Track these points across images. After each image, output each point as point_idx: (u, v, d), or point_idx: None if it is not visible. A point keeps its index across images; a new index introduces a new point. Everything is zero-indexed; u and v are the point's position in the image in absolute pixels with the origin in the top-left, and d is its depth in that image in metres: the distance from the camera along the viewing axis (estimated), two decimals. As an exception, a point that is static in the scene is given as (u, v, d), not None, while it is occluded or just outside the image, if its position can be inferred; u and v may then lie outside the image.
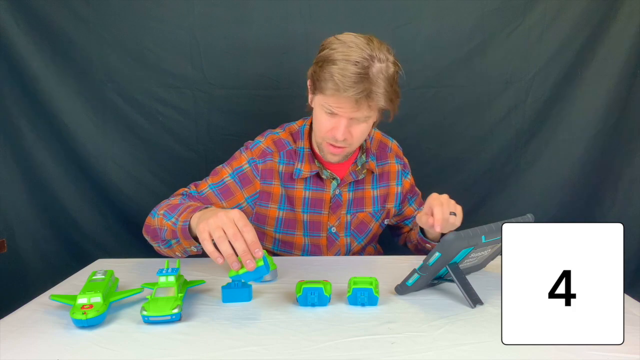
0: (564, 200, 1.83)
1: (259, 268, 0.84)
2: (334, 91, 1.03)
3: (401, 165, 1.33)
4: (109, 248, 1.79)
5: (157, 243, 1.12)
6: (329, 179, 1.23)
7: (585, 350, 0.72)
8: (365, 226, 1.28)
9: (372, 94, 1.02)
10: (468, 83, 1.76)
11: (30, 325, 0.83)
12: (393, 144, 1.35)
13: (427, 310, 0.87)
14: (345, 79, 1.01)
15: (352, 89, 1.01)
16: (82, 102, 1.72)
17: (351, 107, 1.05)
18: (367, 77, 1.01)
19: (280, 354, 0.72)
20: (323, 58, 1.06)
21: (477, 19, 1.72)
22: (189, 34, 1.70)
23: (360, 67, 1.01)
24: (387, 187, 1.30)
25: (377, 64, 1.03)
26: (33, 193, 1.76)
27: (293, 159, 1.22)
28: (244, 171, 1.20)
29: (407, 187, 1.33)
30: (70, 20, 1.67)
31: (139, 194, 1.78)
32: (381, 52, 1.04)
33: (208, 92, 1.74)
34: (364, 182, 1.27)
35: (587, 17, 1.72)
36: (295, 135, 1.25)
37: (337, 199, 1.24)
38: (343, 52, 1.02)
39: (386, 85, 1.04)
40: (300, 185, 1.22)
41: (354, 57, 1.01)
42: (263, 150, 1.21)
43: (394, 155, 1.32)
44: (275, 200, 1.22)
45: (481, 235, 0.88)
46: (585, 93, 1.77)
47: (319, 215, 1.24)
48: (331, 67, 1.02)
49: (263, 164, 1.20)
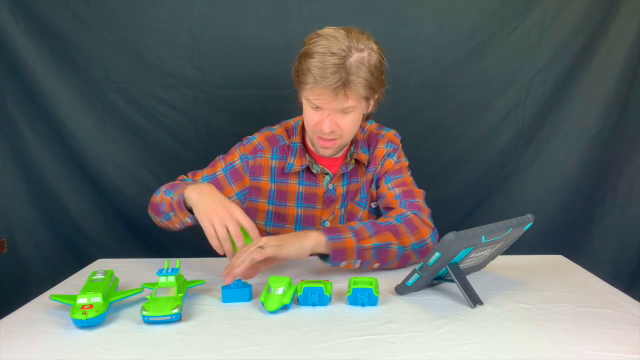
0: (564, 200, 1.83)
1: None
2: (312, 84, 1.05)
3: (391, 149, 1.28)
4: (109, 248, 1.79)
5: (159, 217, 1.17)
6: (321, 174, 1.24)
7: (585, 351, 0.72)
8: (354, 216, 1.28)
9: (350, 83, 1.03)
10: (468, 83, 1.76)
11: (30, 325, 0.83)
12: (388, 132, 1.30)
13: (427, 310, 0.87)
14: (321, 70, 1.02)
15: (327, 79, 1.02)
16: (82, 102, 1.72)
17: (329, 97, 1.05)
18: (343, 66, 1.02)
19: (280, 354, 0.72)
20: (303, 53, 1.08)
21: (477, 19, 1.72)
22: (189, 34, 1.70)
23: (337, 58, 1.02)
24: (372, 171, 1.28)
25: (356, 54, 1.04)
26: (33, 193, 1.76)
27: (286, 154, 1.24)
28: (236, 167, 1.24)
29: (387, 167, 1.27)
30: (70, 20, 1.67)
31: (139, 194, 1.78)
32: (360, 42, 1.04)
33: (208, 92, 1.74)
34: (358, 174, 1.27)
35: (587, 17, 1.72)
36: (290, 131, 1.27)
37: (330, 193, 1.25)
38: (322, 45, 1.04)
39: (366, 74, 1.04)
40: (294, 180, 1.24)
41: (332, 48, 1.03)
42: (255, 146, 1.24)
43: (385, 140, 1.28)
44: (264, 195, 1.24)
45: (481, 235, 0.88)
46: (585, 93, 1.77)
47: (312, 210, 1.25)
48: (309, 61, 1.04)
49: (253, 160, 1.23)
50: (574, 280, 1.02)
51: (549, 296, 0.93)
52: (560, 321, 0.82)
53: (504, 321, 0.82)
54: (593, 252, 1.84)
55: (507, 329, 0.79)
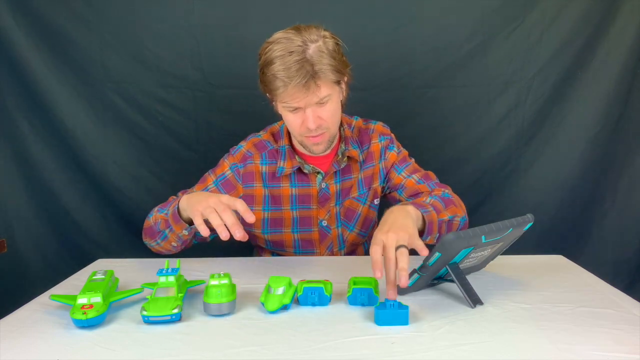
0: (564, 200, 1.83)
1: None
2: (283, 87, 1.05)
3: (386, 142, 1.30)
4: (109, 248, 1.79)
5: (156, 240, 1.15)
6: (313, 174, 1.24)
7: (586, 351, 0.72)
8: (353, 212, 1.28)
9: (317, 72, 1.04)
10: (468, 83, 1.76)
11: (30, 325, 0.83)
12: (376, 125, 1.31)
13: (427, 310, 0.87)
14: (286, 72, 1.03)
15: (295, 78, 1.03)
16: (82, 102, 1.72)
17: (303, 93, 1.06)
18: (305, 60, 1.03)
19: (280, 354, 0.72)
20: (263, 63, 1.09)
21: (477, 19, 1.72)
22: (189, 34, 1.70)
23: (296, 55, 1.03)
24: (372, 167, 1.28)
25: (312, 45, 1.05)
26: (33, 193, 1.76)
27: (275, 158, 1.23)
28: (227, 177, 1.23)
29: (391, 160, 1.29)
30: (70, 20, 1.67)
31: (139, 194, 1.78)
32: (311, 34, 1.06)
33: (208, 92, 1.74)
34: (351, 171, 1.27)
35: (587, 17, 1.72)
36: (276, 135, 1.27)
37: (324, 192, 1.25)
38: (277, 49, 1.05)
39: (329, 60, 1.05)
40: (286, 183, 1.23)
41: (289, 48, 1.04)
42: (244, 154, 1.24)
43: (377, 135, 1.30)
44: (258, 202, 1.23)
45: (481, 235, 0.88)
46: (585, 93, 1.77)
47: (308, 211, 1.25)
48: (271, 67, 1.06)
49: (244, 168, 1.23)
50: (574, 280, 1.02)
51: (549, 296, 0.93)
52: (560, 321, 0.82)
53: (504, 321, 0.82)
54: (593, 252, 1.84)
55: (507, 329, 0.79)
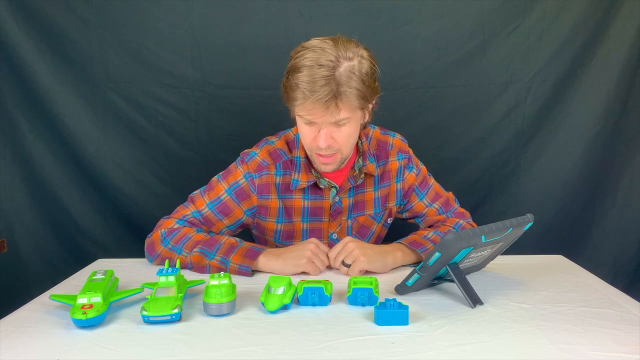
0: (564, 200, 1.83)
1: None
2: (302, 99, 1.00)
3: (405, 161, 1.25)
4: (109, 248, 1.79)
5: (163, 261, 1.11)
6: (327, 188, 1.20)
7: (585, 351, 0.72)
8: (367, 229, 1.26)
9: (342, 94, 0.99)
10: (468, 83, 1.76)
11: (30, 325, 0.83)
12: (395, 139, 1.27)
13: (427, 310, 0.87)
14: (309, 85, 0.98)
15: (317, 93, 0.98)
16: (82, 102, 1.72)
17: (322, 111, 1.00)
18: (332, 78, 0.98)
19: (280, 354, 0.72)
20: (290, 68, 1.04)
21: (477, 19, 1.72)
22: (189, 34, 1.70)
23: (325, 70, 0.98)
24: (388, 186, 1.25)
25: (345, 63, 1.00)
26: (33, 193, 1.76)
27: (290, 170, 1.18)
28: (241, 186, 1.18)
29: (410, 181, 1.26)
30: (70, 20, 1.67)
31: (139, 194, 1.78)
32: (348, 51, 1.00)
33: (208, 92, 1.74)
34: (365, 185, 1.23)
35: (587, 17, 1.72)
36: (291, 144, 1.21)
37: (337, 206, 1.21)
38: (308, 58, 1.00)
39: (357, 84, 1.00)
40: (299, 195, 1.19)
41: (320, 60, 0.99)
42: (259, 163, 1.18)
43: (396, 152, 1.25)
44: (273, 214, 1.20)
45: (481, 235, 0.88)
46: (585, 93, 1.77)
47: (319, 224, 1.22)
48: (297, 75, 1.00)
49: (259, 179, 1.17)
50: (574, 280, 1.02)
51: (549, 296, 0.93)
52: (560, 321, 0.82)
53: (504, 321, 0.82)
54: (593, 252, 1.84)
55: (507, 329, 0.79)
